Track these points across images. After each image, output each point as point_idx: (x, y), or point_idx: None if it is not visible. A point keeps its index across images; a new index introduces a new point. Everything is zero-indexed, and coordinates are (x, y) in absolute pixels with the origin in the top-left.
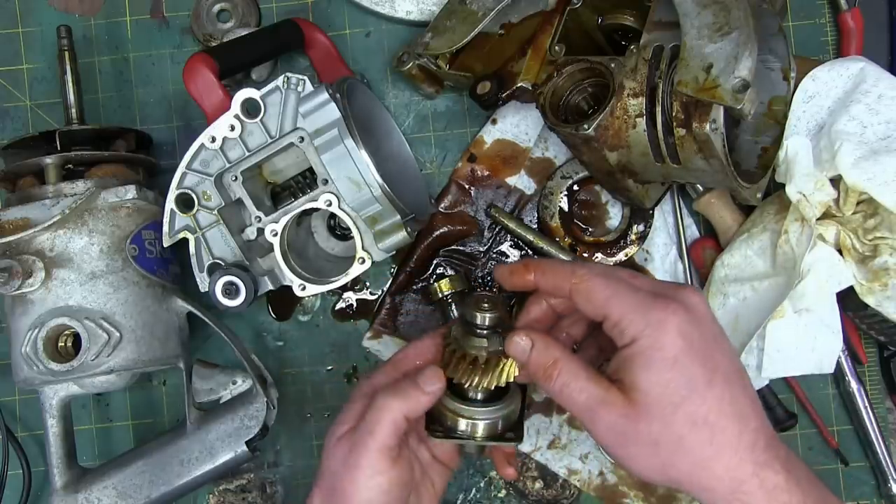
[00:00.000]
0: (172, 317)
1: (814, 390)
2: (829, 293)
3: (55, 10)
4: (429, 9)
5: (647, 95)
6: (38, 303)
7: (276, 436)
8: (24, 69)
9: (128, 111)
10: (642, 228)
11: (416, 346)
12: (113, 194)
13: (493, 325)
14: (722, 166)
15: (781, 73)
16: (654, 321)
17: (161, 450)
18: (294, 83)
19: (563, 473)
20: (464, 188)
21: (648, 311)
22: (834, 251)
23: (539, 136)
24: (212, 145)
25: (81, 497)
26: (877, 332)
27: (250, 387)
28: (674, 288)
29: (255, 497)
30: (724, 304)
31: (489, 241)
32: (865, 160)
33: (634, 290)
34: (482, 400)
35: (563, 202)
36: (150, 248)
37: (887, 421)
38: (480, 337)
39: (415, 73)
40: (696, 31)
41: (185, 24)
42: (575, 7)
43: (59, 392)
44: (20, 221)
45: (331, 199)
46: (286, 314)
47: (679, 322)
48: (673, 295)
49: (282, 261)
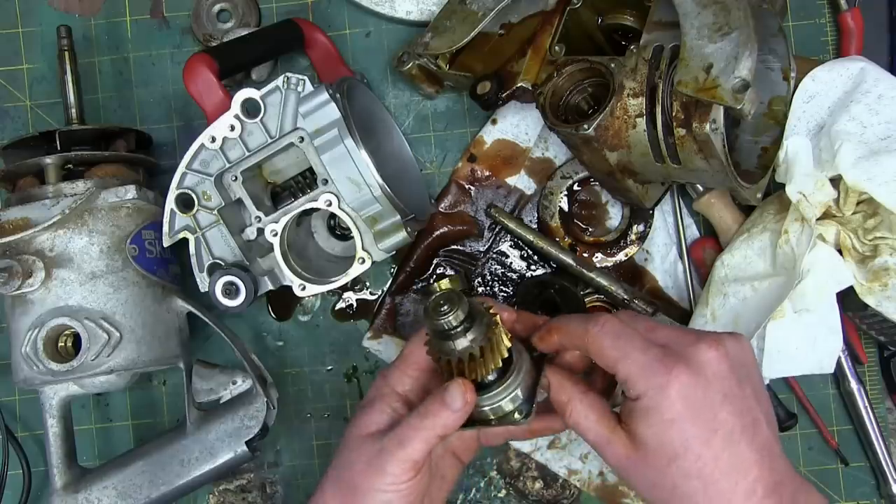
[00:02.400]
0: (172, 317)
1: (814, 390)
2: (829, 293)
3: (55, 10)
4: (429, 9)
5: (647, 95)
6: (38, 303)
7: (276, 436)
8: (24, 69)
9: (128, 111)
10: (642, 228)
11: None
12: (113, 194)
13: (462, 321)
14: (722, 166)
15: (781, 73)
16: (656, 385)
17: (161, 450)
18: (294, 83)
19: (563, 473)
20: (464, 188)
21: (652, 376)
22: (834, 251)
23: (539, 136)
24: (212, 145)
25: (81, 497)
26: (877, 332)
27: (250, 387)
28: (689, 342)
29: (255, 497)
30: (724, 304)
31: (489, 241)
32: (865, 160)
33: (643, 350)
34: (497, 379)
35: (563, 202)
36: (150, 248)
37: (887, 421)
38: (458, 338)
39: (415, 73)
40: (696, 31)
41: (185, 24)
42: (575, 7)
43: (59, 392)
44: (20, 221)
45: (331, 199)
46: (286, 314)
47: (680, 386)
48: (683, 354)
49: (282, 261)
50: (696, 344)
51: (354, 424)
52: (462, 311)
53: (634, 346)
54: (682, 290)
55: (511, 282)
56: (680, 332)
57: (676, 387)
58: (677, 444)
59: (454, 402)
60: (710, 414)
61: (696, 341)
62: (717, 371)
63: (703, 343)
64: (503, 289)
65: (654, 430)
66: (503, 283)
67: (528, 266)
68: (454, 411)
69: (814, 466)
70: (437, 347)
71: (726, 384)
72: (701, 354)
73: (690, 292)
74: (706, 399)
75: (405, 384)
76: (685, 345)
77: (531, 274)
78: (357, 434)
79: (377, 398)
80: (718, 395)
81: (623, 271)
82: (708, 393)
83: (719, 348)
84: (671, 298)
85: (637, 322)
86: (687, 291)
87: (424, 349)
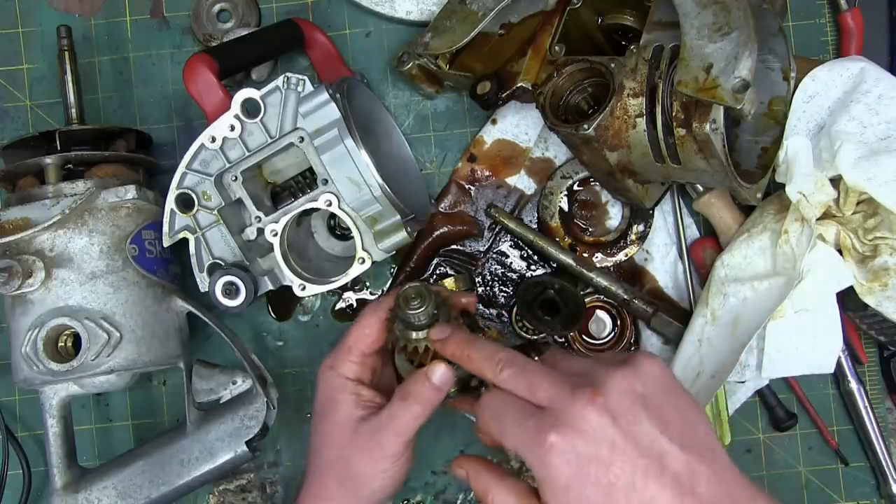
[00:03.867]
0: (172, 317)
1: (814, 390)
2: (829, 293)
3: (55, 10)
4: (429, 9)
5: (647, 95)
6: (38, 303)
7: (276, 436)
8: (24, 69)
9: (128, 111)
10: (642, 228)
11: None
12: (113, 194)
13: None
14: (722, 166)
15: (781, 73)
16: (537, 455)
17: (161, 450)
18: (294, 83)
19: None
20: (464, 188)
21: (531, 447)
22: (834, 251)
23: (539, 136)
24: (212, 145)
25: (81, 497)
26: (877, 332)
27: (250, 387)
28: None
29: (255, 497)
30: (724, 304)
31: (489, 241)
32: (865, 160)
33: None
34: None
35: (563, 202)
36: (150, 248)
37: (887, 421)
38: (424, 329)
39: (415, 73)
40: (696, 31)
41: (185, 24)
42: (575, 7)
43: (59, 392)
44: (20, 221)
45: (331, 199)
46: (286, 314)
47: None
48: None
49: (282, 261)
50: (571, 400)
51: (333, 420)
52: (431, 306)
53: (511, 418)
54: (682, 290)
55: (511, 282)
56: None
57: (555, 454)
58: None
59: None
60: (601, 470)
61: (571, 396)
62: (596, 425)
63: (579, 398)
64: (503, 289)
65: (556, 500)
66: (503, 283)
67: (528, 266)
68: (438, 389)
69: (814, 466)
70: (403, 335)
71: (612, 434)
72: (577, 411)
73: (690, 292)
74: (592, 456)
75: (354, 371)
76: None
77: (531, 274)
78: (343, 424)
79: (339, 389)
80: (604, 448)
81: (623, 271)
82: (592, 450)
83: (596, 399)
84: (671, 298)
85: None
86: (687, 291)
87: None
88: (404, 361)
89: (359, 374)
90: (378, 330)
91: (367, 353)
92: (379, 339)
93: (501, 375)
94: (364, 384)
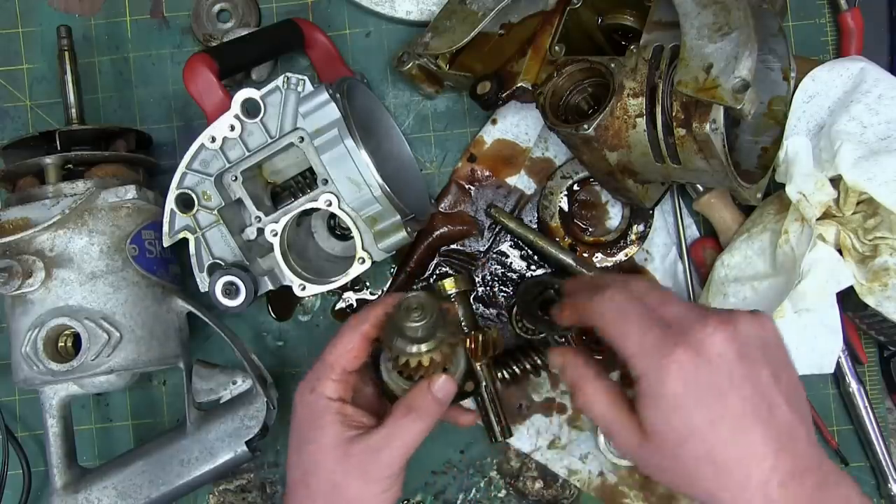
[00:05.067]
0: (172, 317)
1: (814, 390)
2: (829, 293)
3: (55, 10)
4: (429, 9)
5: (647, 95)
6: (38, 303)
7: (276, 436)
8: (24, 69)
9: (128, 111)
10: (642, 228)
11: (347, 340)
12: (113, 194)
13: (428, 330)
14: (722, 166)
15: (781, 73)
16: (655, 367)
17: (161, 450)
18: (294, 83)
19: (563, 473)
20: (464, 188)
21: (650, 357)
22: (834, 251)
23: (539, 136)
24: (212, 145)
25: (81, 497)
26: (877, 332)
27: (250, 387)
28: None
29: (255, 497)
30: (724, 304)
31: (489, 241)
32: (865, 160)
33: (645, 329)
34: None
35: (563, 202)
36: (150, 248)
37: (887, 421)
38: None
39: (415, 73)
40: (696, 31)
41: (185, 24)
42: (575, 7)
43: (59, 392)
44: (20, 221)
45: (331, 199)
46: (286, 314)
47: (679, 369)
48: (686, 334)
49: (282, 261)
50: (703, 323)
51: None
52: (431, 322)
53: (636, 323)
54: (682, 290)
55: (511, 282)
56: (689, 309)
57: (675, 369)
58: (683, 429)
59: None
60: (714, 398)
61: (703, 320)
62: (722, 353)
63: (710, 322)
64: (503, 289)
65: (659, 413)
66: (503, 283)
67: (528, 266)
68: (441, 402)
69: None
70: (398, 346)
71: (734, 367)
72: (706, 335)
73: (690, 292)
74: (710, 382)
75: (337, 390)
76: (691, 323)
77: (531, 274)
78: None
79: (322, 412)
80: (724, 378)
81: (623, 271)
82: (712, 376)
83: (727, 329)
84: None
85: (649, 293)
86: (687, 291)
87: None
88: (394, 375)
89: (341, 393)
90: (361, 346)
91: (349, 370)
92: (361, 356)
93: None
94: (347, 403)
